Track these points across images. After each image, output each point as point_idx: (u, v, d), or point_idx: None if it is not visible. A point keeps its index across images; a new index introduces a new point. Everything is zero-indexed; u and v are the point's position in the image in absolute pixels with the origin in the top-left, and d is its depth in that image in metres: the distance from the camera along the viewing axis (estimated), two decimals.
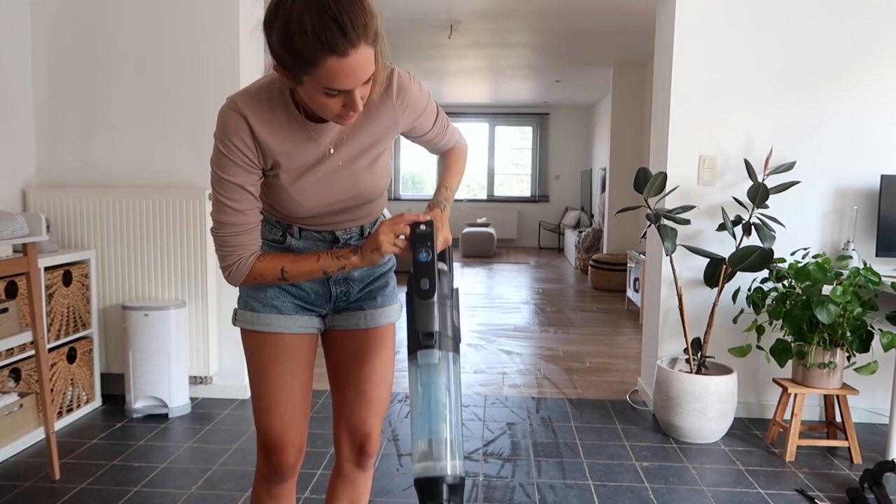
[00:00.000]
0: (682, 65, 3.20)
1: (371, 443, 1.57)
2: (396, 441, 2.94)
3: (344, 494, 1.62)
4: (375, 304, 1.56)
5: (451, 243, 1.38)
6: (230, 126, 1.29)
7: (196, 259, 3.25)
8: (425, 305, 1.25)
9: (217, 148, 1.31)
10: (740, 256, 2.92)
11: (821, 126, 3.19)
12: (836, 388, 2.81)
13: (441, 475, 1.15)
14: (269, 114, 1.30)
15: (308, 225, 1.46)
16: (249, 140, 1.29)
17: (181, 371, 3.20)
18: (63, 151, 3.38)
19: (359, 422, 1.56)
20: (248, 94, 1.31)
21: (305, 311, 1.50)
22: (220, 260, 1.39)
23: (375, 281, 1.57)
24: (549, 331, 5.16)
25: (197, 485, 2.49)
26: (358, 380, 1.56)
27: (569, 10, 5.15)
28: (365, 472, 1.62)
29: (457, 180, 1.57)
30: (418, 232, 1.29)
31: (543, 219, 11.84)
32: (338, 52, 1.12)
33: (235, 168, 1.30)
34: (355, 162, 1.39)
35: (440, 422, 1.18)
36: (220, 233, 1.36)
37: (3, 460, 2.67)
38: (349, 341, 1.56)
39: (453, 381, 1.22)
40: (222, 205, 1.33)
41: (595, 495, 2.46)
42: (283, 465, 1.48)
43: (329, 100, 1.19)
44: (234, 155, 1.29)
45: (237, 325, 1.50)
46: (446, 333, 1.24)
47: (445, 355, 1.23)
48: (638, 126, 7.56)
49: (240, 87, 3.26)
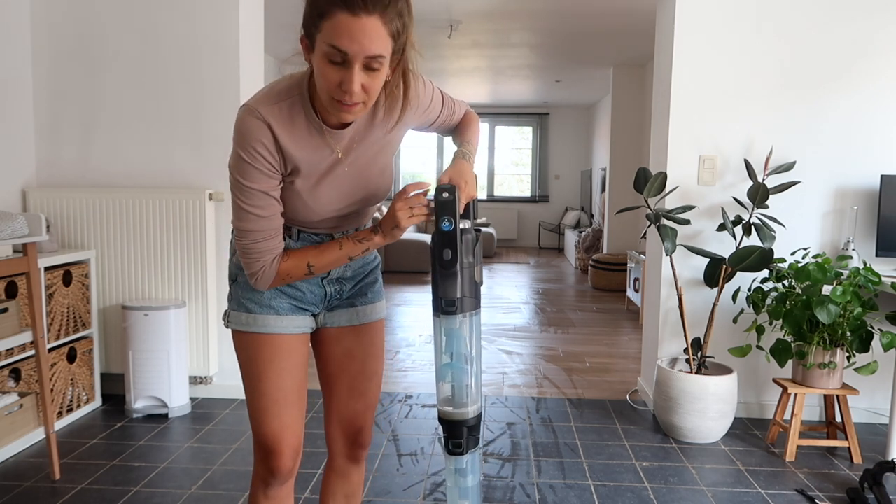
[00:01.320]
0: (682, 65, 3.20)
1: (364, 435, 1.62)
2: (396, 441, 2.93)
3: (339, 489, 1.65)
4: (366, 300, 1.58)
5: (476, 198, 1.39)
6: (253, 133, 1.27)
7: (196, 259, 3.25)
8: (448, 275, 1.30)
9: (238, 156, 1.29)
10: (740, 256, 2.92)
11: (821, 126, 3.19)
12: (836, 388, 2.81)
13: (463, 419, 1.36)
14: (289, 121, 1.29)
15: (308, 227, 1.46)
16: (272, 146, 1.29)
17: (181, 371, 3.19)
18: (63, 151, 3.38)
19: (352, 415, 1.59)
20: (268, 100, 1.29)
21: (300, 312, 1.50)
22: (245, 268, 1.38)
23: (366, 277, 1.59)
24: (549, 331, 5.16)
25: (197, 485, 2.49)
26: (350, 375, 1.58)
27: (569, 11, 5.15)
28: (358, 466, 1.65)
29: (475, 138, 1.57)
30: (441, 200, 1.30)
31: (543, 219, 11.84)
32: (349, 8, 1.13)
33: (259, 175, 1.29)
34: (367, 166, 1.40)
35: (461, 373, 1.35)
36: (243, 241, 1.35)
37: (3, 460, 2.67)
38: (341, 338, 1.57)
39: (474, 333, 1.35)
40: (245, 212, 1.32)
41: (595, 495, 2.46)
42: (281, 467, 1.47)
43: (330, 69, 1.18)
44: (257, 162, 1.28)
45: (230, 327, 1.49)
46: (467, 295, 1.33)
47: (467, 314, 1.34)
48: (638, 126, 7.55)
49: (239, 88, 3.26)
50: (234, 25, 3.24)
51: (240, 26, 3.25)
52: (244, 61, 3.30)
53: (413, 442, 2.93)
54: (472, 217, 1.36)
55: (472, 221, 1.36)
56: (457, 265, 1.29)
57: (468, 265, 1.32)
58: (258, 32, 3.47)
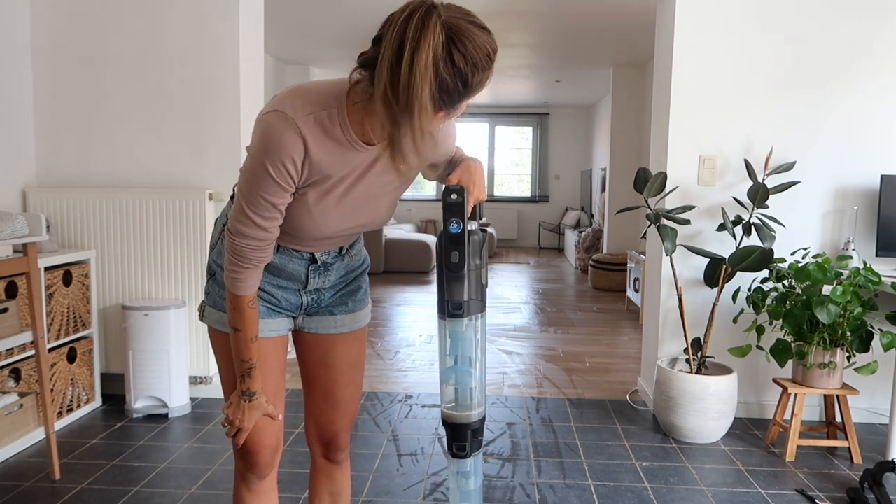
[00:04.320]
0: (682, 65, 3.20)
1: (338, 441, 1.62)
2: (396, 441, 2.93)
3: (324, 488, 1.67)
4: (346, 308, 1.55)
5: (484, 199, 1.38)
6: (287, 148, 1.20)
7: (196, 259, 3.25)
8: (455, 278, 1.29)
9: (262, 164, 1.21)
10: (740, 256, 2.92)
11: (821, 126, 3.19)
12: (836, 388, 2.81)
13: (466, 422, 1.35)
14: (323, 133, 1.23)
15: (296, 244, 1.42)
16: (301, 162, 1.22)
17: (181, 371, 3.19)
18: (63, 151, 3.38)
19: (327, 422, 1.60)
20: (308, 107, 1.22)
21: (276, 314, 1.48)
22: (227, 264, 1.32)
23: (348, 285, 1.56)
24: (549, 331, 5.16)
25: (197, 485, 2.49)
26: (325, 382, 1.58)
27: (569, 11, 5.15)
28: (339, 466, 1.66)
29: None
30: (449, 201, 1.28)
31: (543, 219, 11.84)
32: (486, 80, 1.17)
33: (278, 189, 1.23)
34: (383, 189, 1.37)
35: (466, 375, 1.34)
36: (236, 241, 1.30)
37: (3, 460, 2.67)
38: (318, 345, 1.56)
39: (480, 335, 1.35)
40: (248, 219, 1.27)
41: (595, 495, 2.46)
42: (258, 464, 1.49)
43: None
44: (281, 177, 1.22)
45: (205, 322, 1.49)
46: (474, 298, 1.32)
47: (473, 317, 1.33)
48: (638, 126, 7.55)
49: (240, 88, 3.26)
50: (234, 25, 3.24)
51: (240, 26, 3.25)
52: (244, 61, 3.30)
53: (413, 442, 2.93)
54: (479, 218, 1.36)
55: (479, 222, 1.35)
56: (464, 268, 1.28)
57: (475, 267, 1.31)
58: (258, 32, 3.47)
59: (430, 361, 4.22)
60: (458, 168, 1.37)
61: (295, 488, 2.47)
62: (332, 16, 5.36)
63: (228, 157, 3.30)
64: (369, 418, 3.21)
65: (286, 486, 2.48)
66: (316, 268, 1.47)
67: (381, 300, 6.33)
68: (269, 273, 1.45)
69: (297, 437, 2.96)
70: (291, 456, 2.75)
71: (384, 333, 4.98)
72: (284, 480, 2.52)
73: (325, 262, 1.48)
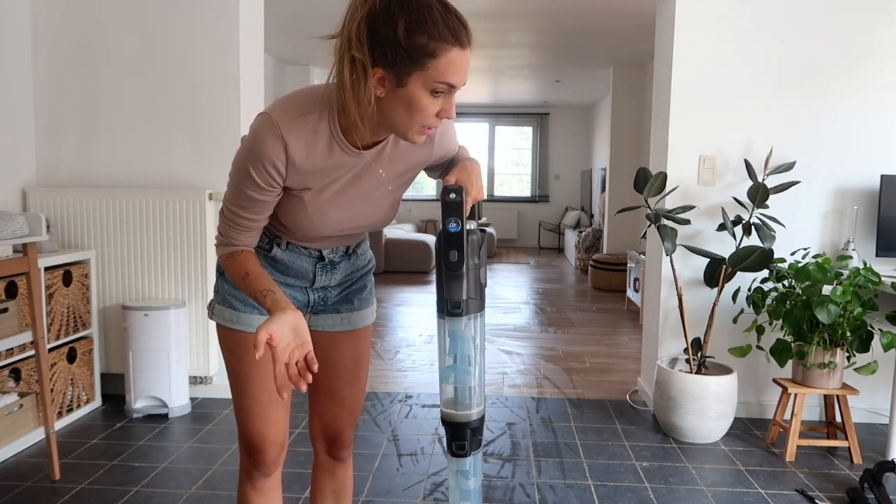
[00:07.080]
0: (682, 65, 3.20)
1: (342, 438, 1.63)
2: (396, 441, 2.94)
3: (326, 486, 1.68)
4: (352, 307, 1.57)
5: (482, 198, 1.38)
6: (266, 151, 1.23)
7: (196, 259, 3.25)
8: (454, 277, 1.30)
9: (246, 163, 1.26)
10: (740, 256, 2.92)
11: (821, 126, 3.19)
12: (836, 388, 2.81)
13: (466, 421, 1.36)
14: (310, 136, 1.25)
15: (301, 240, 1.45)
16: (282, 166, 1.25)
17: (181, 371, 3.19)
18: (63, 151, 3.38)
19: (331, 419, 1.61)
20: (292, 112, 1.25)
21: None
22: (217, 235, 1.39)
23: (353, 284, 1.58)
24: (549, 331, 5.16)
25: (197, 485, 2.49)
26: (330, 379, 1.59)
27: (569, 11, 5.15)
28: (342, 463, 1.67)
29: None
30: (447, 200, 1.29)
31: (543, 219, 11.84)
32: (461, 44, 1.15)
33: (258, 187, 1.28)
34: (383, 191, 1.39)
35: (465, 374, 1.35)
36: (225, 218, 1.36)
37: (3, 460, 2.67)
38: (324, 342, 1.58)
39: (479, 334, 1.36)
40: (231, 208, 1.34)
41: (595, 495, 2.46)
42: (265, 461, 1.50)
43: (432, 101, 1.17)
44: (261, 177, 1.26)
45: (214, 320, 1.51)
46: (472, 297, 1.32)
47: (472, 316, 1.33)
48: (638, 126, 7.55)
49: (240, 88, 3.26)
50: (234, 25, 3.24)
51: (240, 26, 3.25)
52: (244, 61, 3.30)
53: (413, 442, 2.93)
54: (477, 217, 1.36)
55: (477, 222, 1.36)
56: (463, 267, 1.29)
57: (474, 267, 1.31)
58: (258, 32, 3.47)
59: (430, 361, 4.22)
60: (456, 168, 1.38)
61: (295, 488, 2.47)
62: (332, 16, 5.35)
63: (228, 157, 3.30)
64: (369, 418, 3.21)
65: (287, 485, 2.48)
66: (323, 265, 1.50)
67: (382, 300, 6.34)
68: (277, 271, 1.48)
69: (298, 437, 2.96)
70: (292, 456, 2.75)
71: (384, 333, 4.98)
72: (285, 480, 2.52)
73: (332, 260, 1.50)
